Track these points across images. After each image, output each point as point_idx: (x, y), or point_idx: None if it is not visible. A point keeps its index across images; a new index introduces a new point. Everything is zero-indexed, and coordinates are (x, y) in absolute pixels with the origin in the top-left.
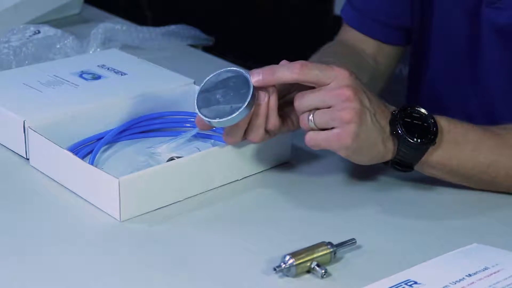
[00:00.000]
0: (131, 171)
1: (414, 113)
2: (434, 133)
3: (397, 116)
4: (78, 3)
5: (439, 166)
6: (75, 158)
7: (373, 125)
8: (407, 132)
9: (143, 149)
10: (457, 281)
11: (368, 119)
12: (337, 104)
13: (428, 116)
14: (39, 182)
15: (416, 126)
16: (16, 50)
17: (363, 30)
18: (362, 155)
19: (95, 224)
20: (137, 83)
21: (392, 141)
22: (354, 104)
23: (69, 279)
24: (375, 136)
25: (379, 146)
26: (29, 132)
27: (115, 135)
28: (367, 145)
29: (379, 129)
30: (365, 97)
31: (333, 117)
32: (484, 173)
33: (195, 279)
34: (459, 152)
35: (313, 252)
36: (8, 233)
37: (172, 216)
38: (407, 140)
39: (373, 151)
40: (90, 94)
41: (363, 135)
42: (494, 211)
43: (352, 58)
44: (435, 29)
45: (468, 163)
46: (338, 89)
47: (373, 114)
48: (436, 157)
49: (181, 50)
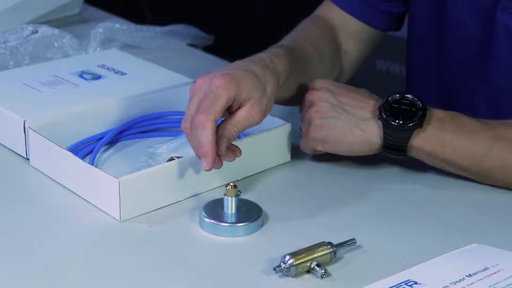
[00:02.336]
0: (131, 171)
1: (403, 99)
2: (420, 117)
3: (384, 102)
4: (78, 3)
5: (434, 154)
6: (75, 158)
7: (339, 114)
8: (391, 115)
9: (143, 149)
10: (457, 281)
11: (331, 111)
12: (305, 109)
13: (417, 102)
14: (39, 182)
15: (403, 111)
16: (13, 50)
17: (347, 8)
18: (338, 144)
19: (95, 224)
20: (137, 83)
21: (377, 125)
22: (316, 103)
23: (69, 279)
24: (343, 123)
25: (354, 131)
26: (29, 132)
27: (115, 135)
28: (337, 133)
29: (348, 116)
30: (328, 95)
31: (303, 120)
32: (479, 163)
33: (195, 279)
34: (453, 141)
35: (313, 252)
36: (8, 233)
37: (172, 216)
38: (389, 122)
39: (348, 137)
40: (90, 94)
41: (327, 125)
42: (494, 211)
43: (319, 45)
44: (447, 30)
45: (463, 153)
46: (309, 95)
47: (338, 107)
48: (429, 145)
49: (181, 50)
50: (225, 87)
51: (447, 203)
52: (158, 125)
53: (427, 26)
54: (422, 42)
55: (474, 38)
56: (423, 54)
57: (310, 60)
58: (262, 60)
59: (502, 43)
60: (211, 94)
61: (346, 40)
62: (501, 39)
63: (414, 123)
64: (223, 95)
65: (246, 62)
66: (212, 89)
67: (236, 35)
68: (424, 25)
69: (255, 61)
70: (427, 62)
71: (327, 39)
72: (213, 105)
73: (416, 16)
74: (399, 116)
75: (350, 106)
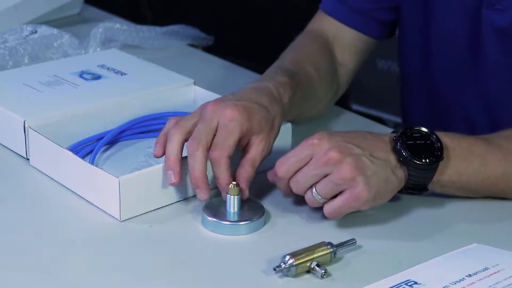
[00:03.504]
0: (131, 171)
1: (414, 134)
2: (439, 148)
3: (399, 141)
4: (78, 3)
5: (450, 184)
6: (76, 157)
7: (375, 164)
8: (413, 155)
9: (143, 149)
10: (457, 281)
11: (367, 162)
12: (332, 170)
13: (430, 133)
14: (39, 182)
15: (420, 146)
16: (12, 50)
17: (341, 18)
18: (382, 197)
19: (95, 224)
20: (137, 83)
21: (401, 168)
22: (347, 160)
23: (69, 279)
24: (383, 172)
25: (391, 178)
26: (29, 132)
27: (115, 135)
28: (382, 185)
29: (383, 163)
30: (351, 146)
31: (336, 183)
32: (493, 185)
33: (195, 279)
34: (467, 168)
35: (313, 252)
36: (8, 233)
37: (172, 216)
38: (415, 163)
39: (389, 187)
40: (90, 94)
41: (373, 181)
42: (494, 211)
43: (318, 63)
44: (435, 32)
45: (477, 178)
46: (323, 157)
47: (369, 155)
48: (446, 176)
49: (181, 50)
50: (238, 121)
51: (447, 204)
52: (158, 125)
53: (417, 29)
54: (412, 45)
55: (462, 38)
56: (414, 57)
57: (311, 81)
58: (269, 91)
59: (490, 41)
60: (224, 128)
61: (342, 52)
62: (488, 37)
63: (440, 158)
64: (236, 130)
65: (254, 92)
66: (225, 122)
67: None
68: (413, 28)
69: (262, 91)
70: (418, 65)
71: (325, 55)
72: (227, 140)
73: (406, 20)
74: (421, 154)
75: (375, 151)
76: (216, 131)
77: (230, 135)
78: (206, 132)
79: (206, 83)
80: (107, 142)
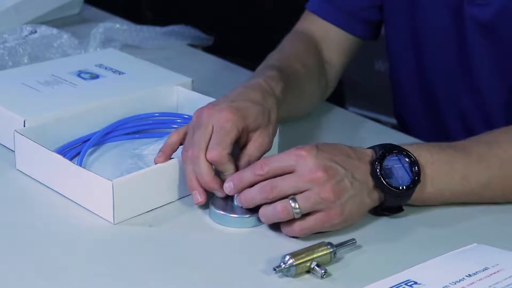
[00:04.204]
0: (120, 173)
1: (392, 158)
2: (417, 173)
3: (377, 168)
4: (78, 3)
5: (432, 199)
6: (67, 161)
7: (353, 187)
8: (390, 180)
9: (129, 150)
10: (457, 281)
11: (348, 185)
12: (313, 188)
13: (407, 154)
14: (28, 186)
15: (397, 170)
16: (11, 51)
17: (327, 17)
18: (353, 219)
19: (88, 227)
20: (136, 82)
21: (377, 192)
22: (331, 182)
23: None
24: (359, 196)
25: (366, 201)
26: (15, 136)
27: (100, 137)
28: (355, 209)
29: (360, 186)
30: (336, 165)
31: (317, 201)
32: (479, 195)
33: (194, 279)
34: (448, 184)
35: (313, 252)
36: (1, 237)
37: (169, 217)
38: (392, 191)
39: (362, 210)
40: (88, 94)
41: (348, 205)
42: (494, 211)
43: (305, 61)
44: (421, 30)
45: (461, 192)
46: (308, 173)
47: (350, 177)
48: (427, 194)
49: (181, 50)
50: (233, 121)
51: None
52: (144, 126)
53: (403, 28)
54: (400, 44)
55: (448, 34)
56: (403, 57)
57: (299, 78)
58: (260, 86)
59: (473, 35)
60: (220, 130)
61: (329, 51)
62: (471, 31)
63: (417, 184)
64: (232, 130)
65: (246, 90)
66: (221, 124)
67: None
68: (400, 27)
69: (254, 88)
70: (407, 64)
71: (312, 53)
72: (224, 140)
73: (392, 20)
74: (398, 180)
75: (357, 173)
76: (212, 134)
77: (226, 135)
78: (204, 138)
79: (206, 83)
80: (93, 144)
